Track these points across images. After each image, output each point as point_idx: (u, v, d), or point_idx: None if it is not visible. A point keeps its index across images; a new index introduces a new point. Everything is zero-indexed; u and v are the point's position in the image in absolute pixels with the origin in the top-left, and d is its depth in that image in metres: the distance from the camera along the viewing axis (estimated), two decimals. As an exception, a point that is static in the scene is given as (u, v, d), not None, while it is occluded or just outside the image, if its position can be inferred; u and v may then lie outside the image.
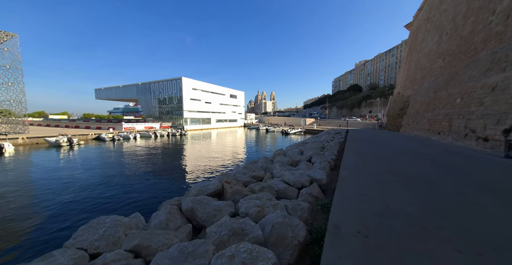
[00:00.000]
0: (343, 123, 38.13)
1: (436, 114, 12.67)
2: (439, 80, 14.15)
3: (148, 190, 9.78)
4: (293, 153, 6.61)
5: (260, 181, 4.04)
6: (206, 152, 20.45)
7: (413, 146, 9.51)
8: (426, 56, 18.63)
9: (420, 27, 23.23)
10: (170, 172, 13.27)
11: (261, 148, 24.14)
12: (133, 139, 28.61)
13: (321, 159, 5.38)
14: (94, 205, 7.93)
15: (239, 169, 4.49)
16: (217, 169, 14.04)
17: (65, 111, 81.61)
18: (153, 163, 15.55)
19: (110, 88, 58.40)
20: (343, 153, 7.61)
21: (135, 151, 20.26)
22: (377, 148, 8.79)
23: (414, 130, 16.22)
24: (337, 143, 9.46)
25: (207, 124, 57.72)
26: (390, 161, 5.83)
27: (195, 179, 11.83)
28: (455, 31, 13.44)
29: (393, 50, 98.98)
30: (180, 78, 47.45)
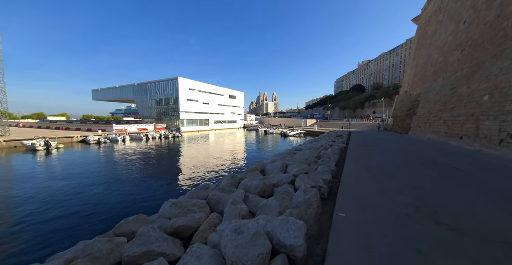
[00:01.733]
0: (345, 124, 36.10)
1: (456, 115, 10.71)
2: (457, 74, 12.18)
3: (114, 208, 8.05)
4: (274, 168, 4.78)
5: (193, 234, 2.27)
6: (196, 157, 18.73)
7: (432, 154, 7.59)
8: (439, 50, 16.64)
9: (430, 19, 21.22)
10: (150, 182, 11.54)
11: (255, 152, 22.32)
12: (121, 142, 27.04)
13: (309, 182, 3.56)
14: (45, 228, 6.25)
15: (167, 206, 2.68)
16: (203, 177, 12.27)
17: (64, 113, 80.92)
18: (132, 170, 13.85)
19: (107, 88, 57.28)
20: (344, 165, 5.79)
21: (119, 156, 18.62)
22: (387, 158, 6.90)
23: (427, 133, 14.23)
24: (336, 150, 7.61)
25: (204, 126, 56.17)
26: (412, 184, 3.98)
27: (176, 190, 10.08)
28: (476, 18, 11.48)
29: (397, 49, 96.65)
30: (176, 78, 46.02)
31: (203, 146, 26.34)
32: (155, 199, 9.10)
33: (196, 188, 3.50)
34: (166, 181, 11.76)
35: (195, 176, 12.68)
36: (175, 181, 11.93)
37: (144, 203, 8.65)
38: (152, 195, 9.57)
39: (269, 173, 4.72)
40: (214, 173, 13.54)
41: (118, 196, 9.36)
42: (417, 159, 6.59)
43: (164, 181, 11.83)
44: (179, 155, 19.61)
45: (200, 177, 12.47)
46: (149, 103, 51.08)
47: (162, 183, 11.38)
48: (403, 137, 16.21)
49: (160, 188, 10.59)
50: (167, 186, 11.01)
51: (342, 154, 8.15)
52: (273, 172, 4.61)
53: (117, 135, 27.82)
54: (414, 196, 3.26)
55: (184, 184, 11.48)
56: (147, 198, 9.22)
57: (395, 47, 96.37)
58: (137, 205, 8.34)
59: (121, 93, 54.79)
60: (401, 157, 7.02)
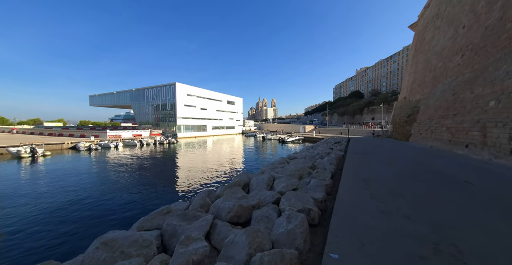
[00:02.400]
0: (344, 130, 35.53)
1: (460, 121, 10.14)
2: (459, 79, 11.72)
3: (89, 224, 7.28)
4: (259, 183, 4.11)
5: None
6: (190, 164, 17.97)
7: (437, 164, 6.93)
8: (438, 55, 16.32)
9: (427, 25, 21.13)
10: (137, 192, 10.75)
11: (251, 159, 21.57)
12: (114, 148, 26.25)
13: (297, 203, 2.92)
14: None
15: (90, 250, 1.99)
16: (195, 185, 11.49)
17: (61, 119, 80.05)
18: (118, 180, 13.07)
19: (104, 94, 56.99)
20: (341, 176, 5.14)
21: (108, 164, 17.84)
22: (389, 169, 6.24)
23: (429, 140, 13.62)
24: (333, 160, 6.95)
25: (202, 131, 55.52)
26: (420, 203, 3.32)
27: (160, 203, 9.31)
28: (476, 22, 11.15)
29: (394, 56, 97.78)
30: (174, 84, 45.81)
31: (198, 152, 25.60)
32: (136, 212, 8.32)
33: (154, 213, 2.80)
34: (154, 191, 10.98)
35: (187, 185, 11.91)
36: (164, 190, 11.16)
37: (122, 217, 7.87)
38: (133, 208, 8.79)
39: (253, 188, 4.04)
40: (207, 180, 12.78)
41: (95, 209, 8.57)
42: (422, 170, 5.92)
43: (152, 191, 11.04)
44: (172, 163, 18.85)
45: (192, 186, 11.70)
46: (146, 109, 50.63)
47: (151, 194, 10.60)
48: (403, 144, 15.59)
49: (146, 199, 9.81)
50: (155, 197, 10.23)
51: (339, 164, 7.49)
52: (257, 188, 3.94)
53: (109, 142, 27.06)
54: (426, 223, 2.58)
55: (173, 193, 10.71)
56: (128, 211, 8.44)
57: (392, 54, 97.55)
58: (109, 222, 7.56)
59: (118, 98, 54.44)
60: (403, 168, 6.36)
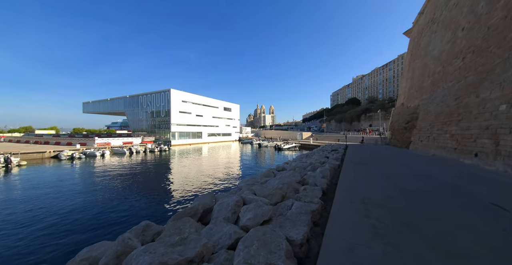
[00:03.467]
0: (341, 137, 34.67)
1: (466, 128, 9.26)
2: (461, 83, 10.98)
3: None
4: (222, 209, 3.07)
5: None
6: (177, 174, 16.76)
7: (448, 177, 5.94)
8: (436, 60, 15.76)
9: (422, 31, 20.84)
10: (111, 209, 9.52)
11: (244, 167, 20.42)
12: (100, 157, 24.92)
13: (259, 253, 1.85)
14: None
15: None
16: (179, 198, 10.29)
17: (54, 126, 78.24)
18: (93, 192, 11.82)
19: (98, 101, 56.03)
20: (334, 196, 4.12)
21: (87, 174, 16.56)
22: (393, 185, 5.23)
23: (431, 148, 12.69)
24: (327, 172, 5.94)
25: (197, 138, 54.36)
26: (447, 247, 2.28)
27: (134, 220, 8.11)
28: (476, 23, 10.57)
29: (390, 64, 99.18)
30: (168, 90, 45.14)
31: (189, 161, 24.37)
32: (99, 233, 7.11)
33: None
34: (131, 206, 9.76)
35: (169, 197, 10.71)
36: (144, 204, 9.94)
37: (79, 241, 6.66)
38: (97, 227, 7.57)
39: (213, 218, 2.98)
40: (192, 192, 11.59)
41: (49, 229, 7.34)
42: (432, 186, 4.91)
43: (129, 205, 9.82)
44: (159, 172, 17.62)
45: (174, 199, 10.50)
46: (140, 116, 49.59)
47: (127, 209, 9.38)
48: (404, 152, 14.64)
49: (119, 217, 8.60)
50: (130, 213, 9.01)
51: (334, 176, 6.46)
52: (218, 218, 2.88)
53: (96, 150, 25.73)
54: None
55: (153, 207, 9.50)
56: (89, 231, 7.23)
57: (387, 62, 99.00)
58: (65, 247, 6.34)
59: (112, 105, 53.44)
60: (409, 183, 5.34)
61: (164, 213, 9.08)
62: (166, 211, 9.33)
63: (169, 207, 9.68)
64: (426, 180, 5.59)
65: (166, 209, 9.48)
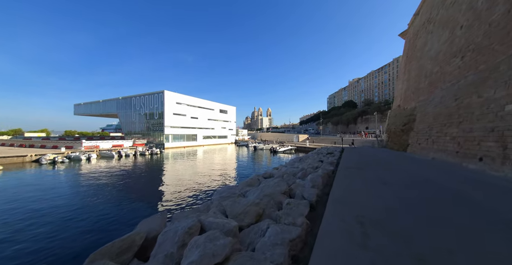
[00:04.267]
0: (338, 140, 34.13)
1: (468, 130, 8.66)
2: (461, 83, 10.44)
3: None
4: (165, 243, 2.27)
5: None
6: (165, 178, 15.85)
7: (455, 185, 5.26)
8: (433, 60, 15.32)
9: (418, 32, 20.53)
10: (86, 219, 8.61)
11: (235, 172, 19.59)
12: (85, 161, 23.75)
13: None
14: None
15: None
16: (158, 208, 9.40)
17: (44, 129, 76.07)
18: (70, 201, 10.86)
19: (90, 103, 54.67)
20: (324, 213, 3.39)
21: (67, 179, 15.54)
22: (393, 194, 4.52)
23: (430, 151, 12.09)
24: (318, 179, 5.20)
25: (192, 141, 53.33)
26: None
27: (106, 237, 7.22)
28: (476, 20, 10.10)
29: (385, 68, 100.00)
30: (162, 92, 44.22)
31: (181, 164, 23.42)
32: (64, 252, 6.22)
33: None
34: (107, 217, 8.84)
35: (154, 205, 9.82)
36: (125, 213, 9.04)
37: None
38: (63, 247, 6.67)
39: (153, 254, 2.18)
40: (177, 200, 10.71)
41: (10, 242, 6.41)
42: (439, 196, 4.20)
43: (105, 217, 8.91)
44: (146, 177, 16.66)
45: (160, 207, 9.62)
46: (133, 118, 48.40)
47: (102, 220, 8.47)
48: (402, 156, 14.02)
49: (91, 230, 7.69)
50: (104, 227, 8.11)
51: (327, 184, 5.72)
52: (158, 256, 2.08)
53: (81, 153, 24.49)
54: None
55: (131, 219, 8.61)
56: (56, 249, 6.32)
57: (383, 65, 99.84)
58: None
59: (104, 107, 52.11)
60: (412, 191, 4.62)
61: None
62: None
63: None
64: (430, 188, 4.88)
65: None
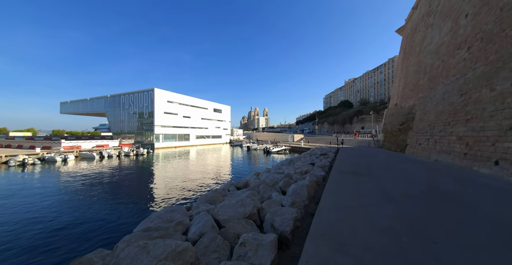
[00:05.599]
0: (333, 139, 33.09)
1: (479, 129, 7.53)
2: (468, 76, 9.35)
3: None
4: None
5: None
6: (144, 183, 14.41)
7: (474, 198, 4.06)
8: (433, 54, 14.29)
9: (417, 26, 19.56)
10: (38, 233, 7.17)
11: (223, 174, 18.26)
12: (61, 162, 22.04)
13: None
14: None
15: None
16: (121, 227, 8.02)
17: (31, 128, 73.25)
18: (23, 210, 9.37)
19: (76, 101, 52.47)
20: (301, 255, 2.08)
21: (28, 185, 13.94)
22: (401, 214, 3.30)
23: (432, 153, 10.99)
24: (303, 191, 3.94)
25: (185, 141, 51.68)
26: None
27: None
28: (485, 5, 9.02)
29: (380, 68, 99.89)
30: (152, 90, 42.53)
31: (165, 167, 21.94)
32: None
33: None
34: (65, 234, 7.43)
35: (124, 219, 8.44)
36: (89, 227, 7.64)
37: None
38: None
39: None
40: (146, 211, 9.35)
41: None
42: (463, 215, 2.97)
43: (61, 233, 7.49)
44: (125, 181, 15.19)
45: (131, 222, 8.23)
46: (121, 117, 46.48)
47: (61, 237, 7.06)
48: (401, 157, 12.92)
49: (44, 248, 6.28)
50: (58, 245, 6.70)
51: (312, 199, 4.46)
52: None
53: (56, 155, 22.66)
54: None
55: (91, 238, 7.22)
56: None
57: (378, 65, 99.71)
58: None
59: (92, 106, 49.99)
60: (429, 213, 3.38)
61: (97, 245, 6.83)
62: (104, 243, 7.07)
63: (111, 238, 7.43)
64: (444, 202, 3.65)
65: (106, 238, 7.22)
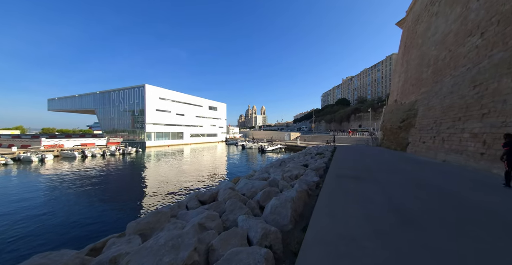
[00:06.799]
0: (330, 138, 32.04)
1: (499, 124, 6.40)
2: (482, 65, 8.20)
3: None
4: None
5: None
6: (123, 188, 13.11)
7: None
8: (439, 45, 13.15)
9: (419, 17, 18.41)
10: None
11: (212, 176, 17.02)
12: (38, 162, 20.54)
13: None
14: None
15: None
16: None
17: (19, 126, 70.75)
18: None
19: (65, 98, 50.43)
20: None
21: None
22: (428, 249, 1.99)
23: (439, 152, 9.88)
24: (286, 210, 2.62)
25: (178, 139, 50.16)
26: None
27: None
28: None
29: (378, 65, 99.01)
30: (143, 86, 40.83)
31: (150, 167, 20.59)
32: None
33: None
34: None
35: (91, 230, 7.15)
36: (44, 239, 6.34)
37: None
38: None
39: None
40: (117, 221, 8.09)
41: None
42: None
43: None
44: (100, 185, 13.85)
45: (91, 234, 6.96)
46: (111, 114, 44.72)
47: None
48: (403, 157, 11.81)
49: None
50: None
51: (301, 216, 3.25)
52: None
53: (33, 154, 21.08)
54: None
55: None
56: None
57: (376, 63, 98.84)
58: None
59: (81, 103, 48.05)
60: (470, 242, 2.18)
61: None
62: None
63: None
64: (477, 221, 2.46)
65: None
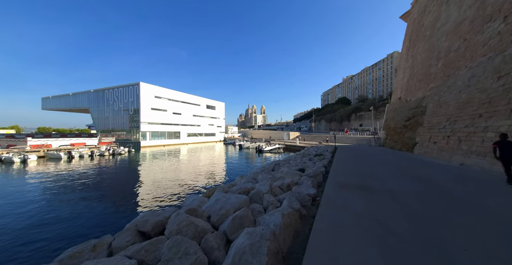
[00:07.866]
0: (330, 137, 30.85)
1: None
2: (507, 53, 6.99)
3: None
4: None
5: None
6: (106, 195, 11.96)
7: None
8: (451, 35, 11.94)
9: (426, 7, 17.16)
10: None
11: (203, 180, 15.85)
12: (20, 163, 19.40)
13: None
14: None
15: None
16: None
17: (15, 125, 69.60)
18: None
19: (59, 96, 49.27)
20: None
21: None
22: None
23: (455, 154, 8.68)
24: (262, 248, 1.38)
25: (175, 139, 49.02)
26: None
27: None
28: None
29: (379, 64, 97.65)
30: (137, 84, 39.66)
31: (139, 169, 19.43)
32: None
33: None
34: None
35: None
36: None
37: None
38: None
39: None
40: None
41: None
42: None
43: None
44: (82, 190, 12.69)
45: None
46: (106, 113, 43.56)
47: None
48: (412, 159, 10.62)
49: None
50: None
51: (284, 258, 2.06)
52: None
53: (15, 155, 19.91)
54: None
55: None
56: None
57: (377, 61, 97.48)
58: None
59: (75, 101, 46.89)
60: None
61: None
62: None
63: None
64: None
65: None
